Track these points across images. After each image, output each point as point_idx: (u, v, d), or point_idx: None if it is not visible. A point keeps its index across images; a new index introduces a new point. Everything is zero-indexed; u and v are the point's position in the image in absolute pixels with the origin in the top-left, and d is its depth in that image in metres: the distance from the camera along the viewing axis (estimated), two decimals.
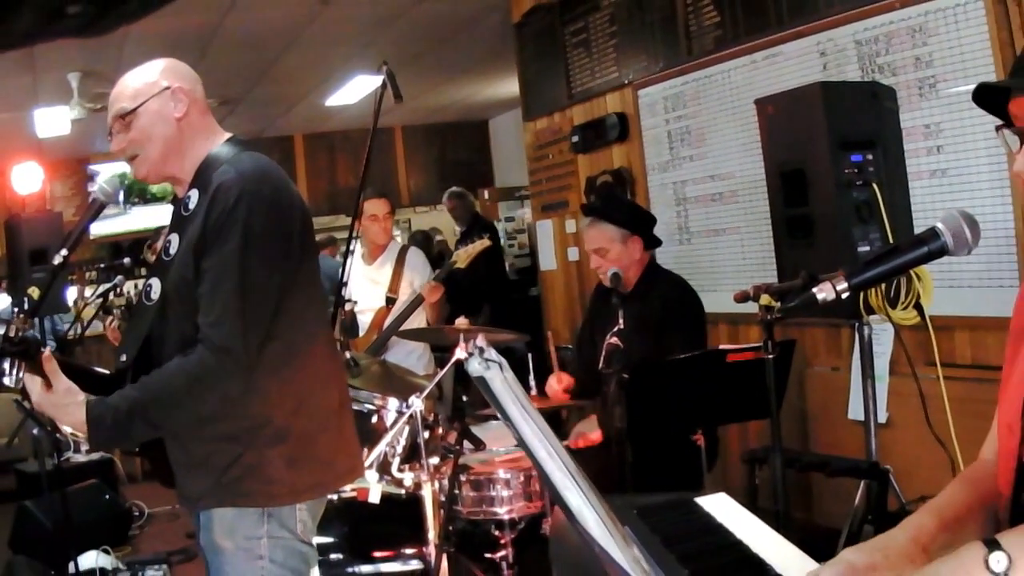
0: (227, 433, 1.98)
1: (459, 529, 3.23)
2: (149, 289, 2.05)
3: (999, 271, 3.19)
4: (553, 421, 4.22)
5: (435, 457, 3.14)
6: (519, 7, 5.96)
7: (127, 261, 5.37)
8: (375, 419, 3.18)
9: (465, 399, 3.18)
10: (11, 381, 1.94)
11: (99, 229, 9.44)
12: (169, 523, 5.53)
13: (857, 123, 2.97)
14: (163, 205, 9.14)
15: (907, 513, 1.72)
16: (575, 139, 5.48)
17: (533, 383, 3.76)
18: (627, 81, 5.04)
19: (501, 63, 7.39)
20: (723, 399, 3.03)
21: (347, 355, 3.36)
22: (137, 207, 9.93)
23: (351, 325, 4.49)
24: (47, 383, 1.90)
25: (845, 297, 1.52)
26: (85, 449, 5.79)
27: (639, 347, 3.38)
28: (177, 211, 2.08)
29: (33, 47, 5.05)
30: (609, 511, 1.17)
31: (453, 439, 3.08)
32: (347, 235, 4.02)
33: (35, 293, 2.06)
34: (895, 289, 2.85)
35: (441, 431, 3.23)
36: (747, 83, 4.19)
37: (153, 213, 9.53)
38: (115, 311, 5.03)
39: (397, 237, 5.77)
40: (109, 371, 2.09)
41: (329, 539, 3.14)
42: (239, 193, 1.93)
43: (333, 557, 3.16)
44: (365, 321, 4.67)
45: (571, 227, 5.75)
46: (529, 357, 3.75)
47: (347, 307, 4.16)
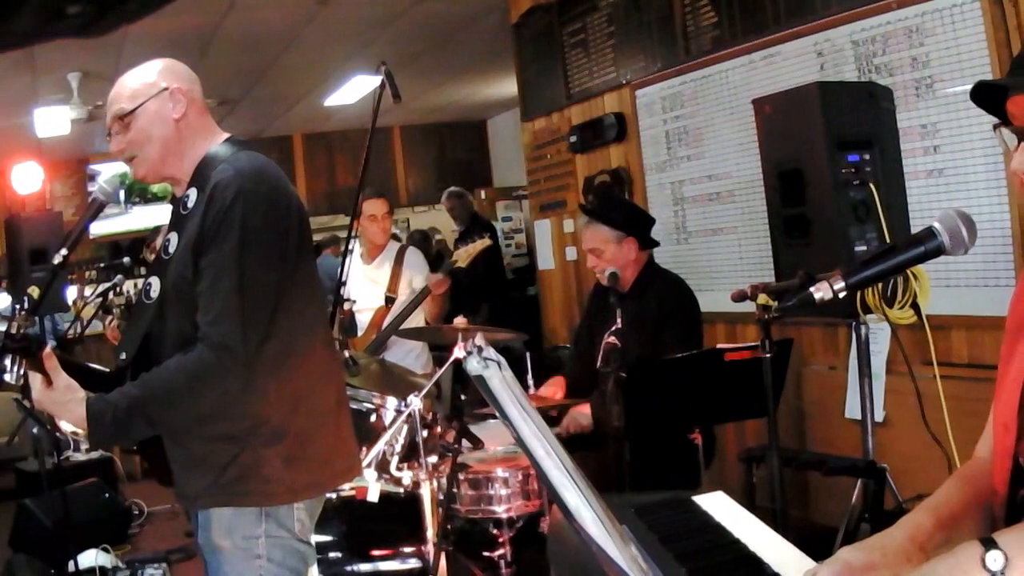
0: (225, 432, 1.99)
1: (457, 527, 3.23)
2: (148, 288, 2.06)
3: (995, 270, 3.19)
4: (550, 421, 4.22)
5: (433, 456, 3.14)
6: (517, 7, 5.96)
7: (126, 260, 5.36)
8: (374, 418, 3.18)
9: (463, 398, 3.18)
10: (12, 377, 1.95)
11: (99, 229, 9.45)
12: (168, 522, 5.53)
13: (854, 123, 2.98)
14: (163, 204, 9.12)
15: (904, 511, 1.72)
16: (573, 139, 5.49)
17: (531, 382, 3.77)
18: (625, 81, 5.04)
19: (499, 63, 7.39)
20: (720, 398, 3.03)
21: (346, 354, 3.36)
22: (137, 207, 9.92)
23: (350, 324, 4.49)
24: (48, 380, 1.90)
25: (842, 296, 1.52)
26: (85, 448, 5.79)
27: (636, 346, 3.38)
28: (176, 210, 2.08)
29: (33, 47, 5.05)
30: (607, 510, 1.17)
31: (451, 438, 3.08)
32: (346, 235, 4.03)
33: (35, 292, 2.06)
34: (892, 288, 2.85)
35: (439, 430, 3.23)
36: (744, 83, 4.19)
37: (153, 212, 9.53)
38: (115, 310, 5.04)
39: (399, 234, 5.77)
40: (109, 369, 2.09)
41: (328, 538, 3.14)
42: (236, 191, 1.93)
43: (332, 556, 3.16)
44: (364, 320, 4.67)
45: (569, 227, 5.76)
46: (527, 356, 3.75)
47: (346, 306, 4.17)
